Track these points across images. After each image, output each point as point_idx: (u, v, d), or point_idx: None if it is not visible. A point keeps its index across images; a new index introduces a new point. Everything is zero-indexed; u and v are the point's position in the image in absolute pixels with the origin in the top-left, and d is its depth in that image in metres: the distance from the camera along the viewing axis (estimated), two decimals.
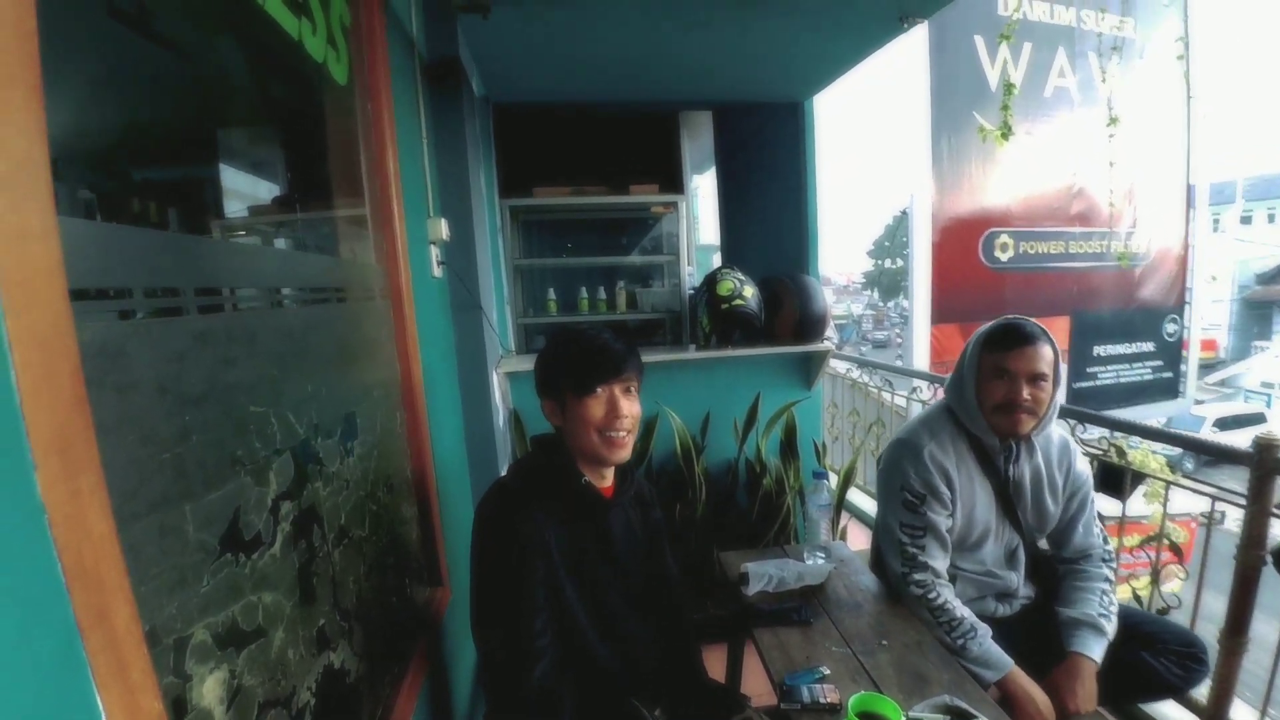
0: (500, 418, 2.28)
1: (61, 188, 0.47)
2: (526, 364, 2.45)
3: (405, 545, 1.34)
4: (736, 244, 3.17)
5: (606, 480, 1.23)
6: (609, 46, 2.02)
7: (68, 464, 0.40)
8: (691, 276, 3.09)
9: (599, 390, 1.14)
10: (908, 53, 5.56)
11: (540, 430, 2.44)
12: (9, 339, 0.37)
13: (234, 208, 0.82)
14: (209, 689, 0.57)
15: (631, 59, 2.13)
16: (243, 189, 0.87)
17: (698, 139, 3.48)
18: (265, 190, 0.95)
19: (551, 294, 2.85)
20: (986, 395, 1.48)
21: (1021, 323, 1.48)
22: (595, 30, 1.88)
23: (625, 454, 1.17)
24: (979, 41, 5.59)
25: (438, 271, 1.78)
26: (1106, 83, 5.35)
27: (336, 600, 0.90)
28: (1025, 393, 1.43)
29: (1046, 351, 1.44)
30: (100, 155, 0.58)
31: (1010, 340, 1.46)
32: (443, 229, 1.71)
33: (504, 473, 1.43)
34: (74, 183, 0.55)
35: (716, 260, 3.46)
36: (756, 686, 1.46)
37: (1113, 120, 3.24)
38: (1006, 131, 2.26)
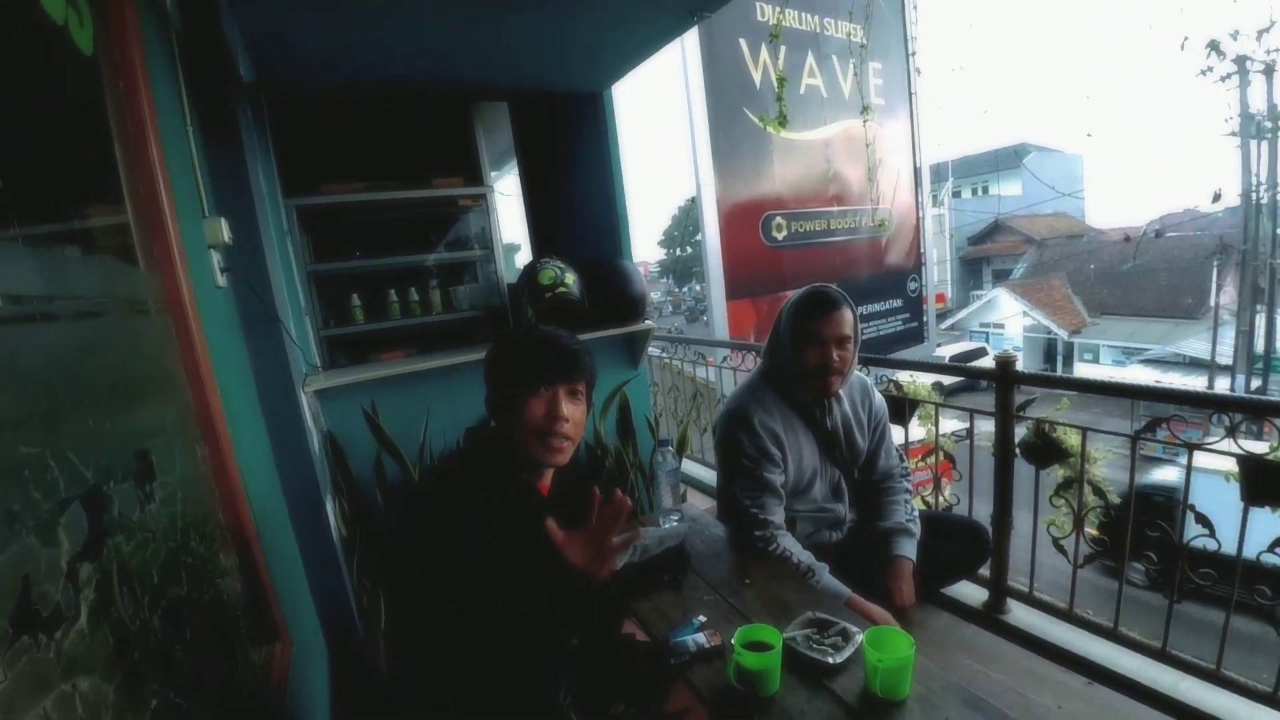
0: (315, 443, 2.03)
1: None
2: (339, 380, 2.22)
3: (230, 600, 1.14)
4: (547, 236, 3.15)
5: (545, 478, 1.17)
6: (399, 32, 1.87)
7: None
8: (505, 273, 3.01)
9: (542, 390, 1.08)
10: (680, 57, 5.97)
11: (360, 454, 2.25)
12: None
13: None
14: None
15: (425, 44, 2.00)
16: None
17: (494, 135, 3.39)
18: None
19: (356, 300, 2.59)
20: (802, 360, 1.64)
21: (826, 290, 1.65)
22: (383, 12, 1.74)
23: (563, 458, 1.12)
24: (743, 44, 6.20)
25: (222, 280, 1.53)
26: (849, 80, 6.35)
27: (168, 675, 0.74)
28: (835, 355, 1.60)
29: (849, 315, 1.62)
30: None
31: (818, 308, 1.62)
32: (223, 230, 1.47)
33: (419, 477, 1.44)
34: None
35: (520, 258, 3.42)
36: None
37: (865, 109, 3.82)
38: (783, 120, 2.54)
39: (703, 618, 1.32)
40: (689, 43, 5.77)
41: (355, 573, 2.12)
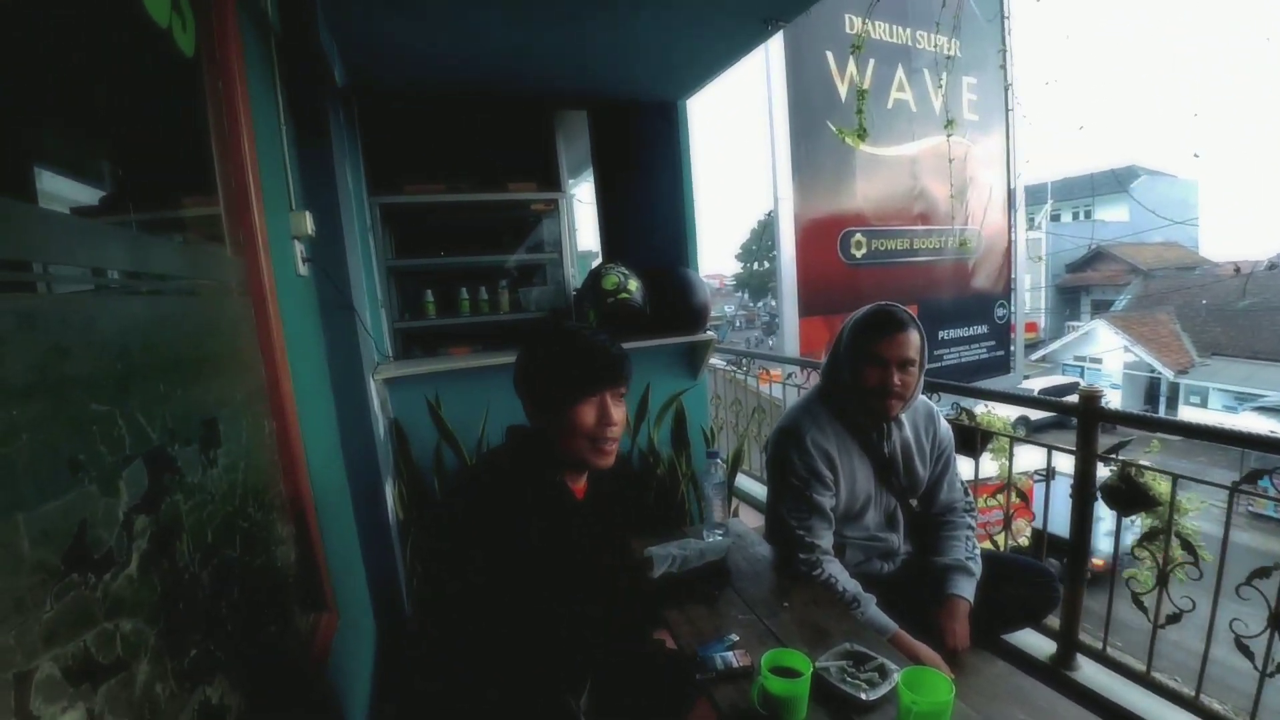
0: (380, 428, 2.14)
1: None
2: (406, 370, 2.32)
3: (283, 567, 1.21)
4: (616, 242, 3.19)
5: (580, 480, 1.18)
6: (480, 37, 1.96)
7: None
8: (574, 277, 3.07)
9: (594, 395, 1.09)
10: (763, 68, 5.93)
11: (422, 443, 2.34)
12: None
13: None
14: None
15: (504, 50, 2.09)
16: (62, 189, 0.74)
17: (573, 143, 3.48)
18: (95, 183, 0.82)
19: (429, 296, 2.72)
20: (861, 380, 1.56)
21: (892, 310, 1.57)
22: (464, 17, 1.82)
23: (611, 460, 1.14)
24: (829, 56, 6.10)
25: (303, 269, 1.64)
26: (940, 95, 6.12)
27: (210, 628, 0.79)
28: (896, 379, 1.52)
29: (915, 338, 1.54)
30: None
31: (883, 328, 1.54)
32: (307, 223, 1.58)
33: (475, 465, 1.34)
34: None
35: (596, 264, 3.47)
36: None
37: (949, 123, 3.67)
38: (862, 133, 2.48)
39: (735, 636, 1.30)
40: (773, 54, 5.73)
41: (408, 555, 2.21)
